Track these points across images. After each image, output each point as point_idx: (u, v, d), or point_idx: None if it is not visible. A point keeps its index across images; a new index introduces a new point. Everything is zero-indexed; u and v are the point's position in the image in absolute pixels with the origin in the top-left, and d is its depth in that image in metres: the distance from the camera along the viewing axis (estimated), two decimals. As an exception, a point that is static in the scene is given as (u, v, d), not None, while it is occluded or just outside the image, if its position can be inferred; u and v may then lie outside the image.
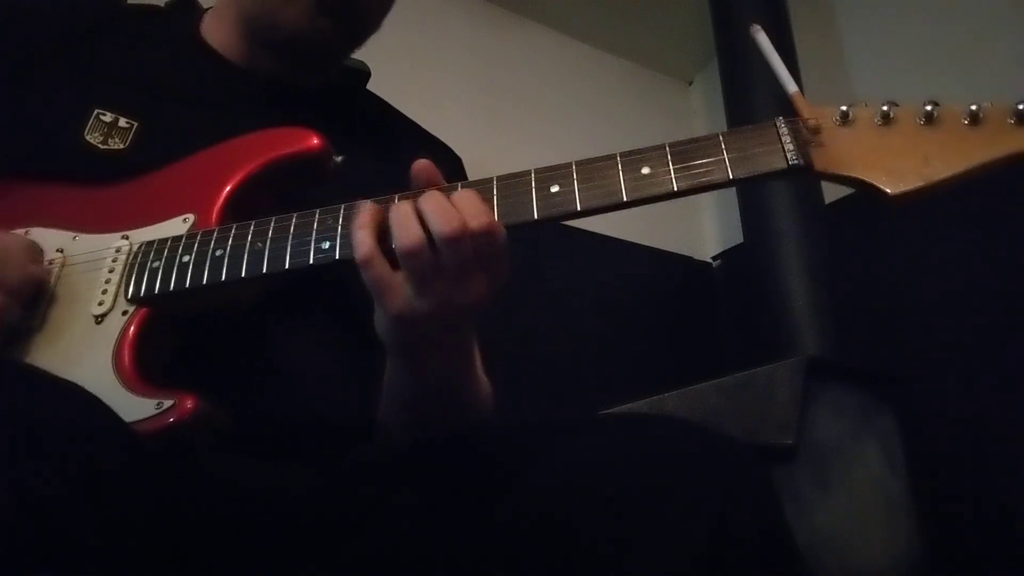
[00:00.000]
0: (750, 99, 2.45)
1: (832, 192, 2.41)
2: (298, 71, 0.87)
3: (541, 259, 2.65)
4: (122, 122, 0.76)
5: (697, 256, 3.21)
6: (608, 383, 2.33)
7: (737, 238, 2.81)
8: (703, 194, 0.57)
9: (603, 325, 2.75)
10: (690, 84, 3.60)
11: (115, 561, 0.43)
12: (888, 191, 0.53)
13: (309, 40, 0.81)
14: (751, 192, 2.45)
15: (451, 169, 0.95)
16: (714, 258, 3.21)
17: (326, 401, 0.75)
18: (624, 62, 3.42)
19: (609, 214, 0.63)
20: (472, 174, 1.02)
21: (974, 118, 0.53)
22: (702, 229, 3.28)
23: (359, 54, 0.96)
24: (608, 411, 1.57)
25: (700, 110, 3.50)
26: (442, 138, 1.02)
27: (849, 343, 2.13)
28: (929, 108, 0.54)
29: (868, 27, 2.79)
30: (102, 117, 0.76)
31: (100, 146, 0.75)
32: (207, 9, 0.91)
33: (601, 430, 0.65)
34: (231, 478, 0.63)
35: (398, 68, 2.67)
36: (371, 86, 1.07)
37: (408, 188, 0.63)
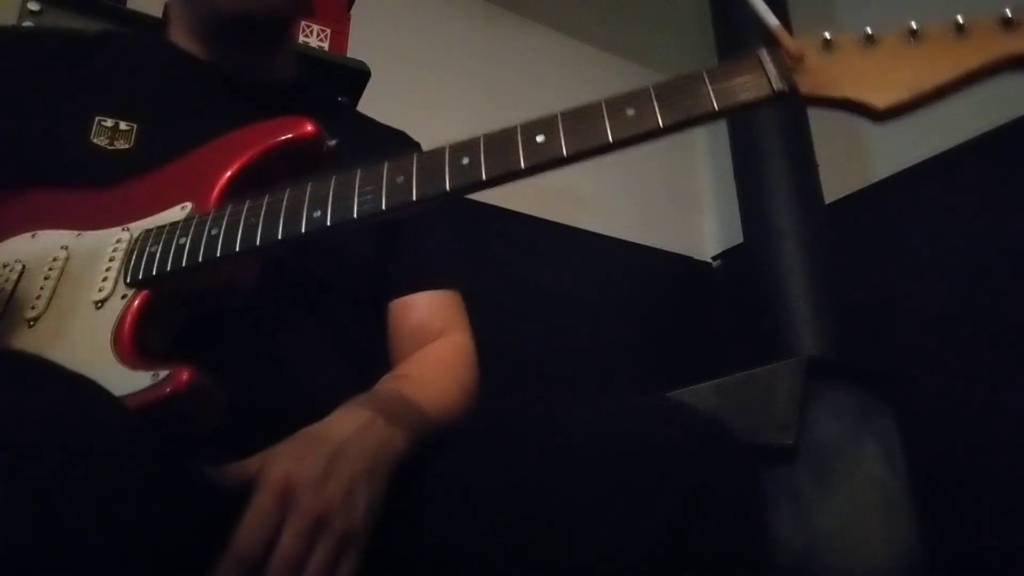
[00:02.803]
0: (750, 99, 2.44)
1: (832, 192, 2.41)
2: (251, 54, 0.91)
3: (541, 258, 2.65)
4: (123, 125, 0.81)
5: (697, 256, 3.21)
6: (608, 383, 2.33)
7: (737, 238, 2.81)
8: (703, 193, 0.57)
9: (603, 325, 2.75)
10: (690, 84, 3.60)
11: (122, 558, 0.43)
12: (878, 105, 0.52)
13: (247, 12, 0.84)
14: (751, 192, 2.45)
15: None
16: (714, 258, 3.21)
17: (323, 391, 0.76)
18: (624, 62, 3.42)
19: (609, 214, 0.63)
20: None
21: (959, 28, 0.53)
22: (702, 229, 3.28)
23: (359, 54, 0.97)
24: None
25: (700, 110, 3.50)
26: (442, 137, 1.02)
27: (849, 343, 2.13)
28: (914, 26, 0.54)
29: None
30: (104, 123, 0.80)
31: (107, 147, 0.79)
32: (166, 25, 0.96)
33: (575, 410, 0.66)
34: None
35: (398, 68, 2.67)
36: (371, 86, 1.08)
37: None
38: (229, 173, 0.71)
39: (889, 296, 2.42)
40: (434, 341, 0.88)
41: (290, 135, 0.72)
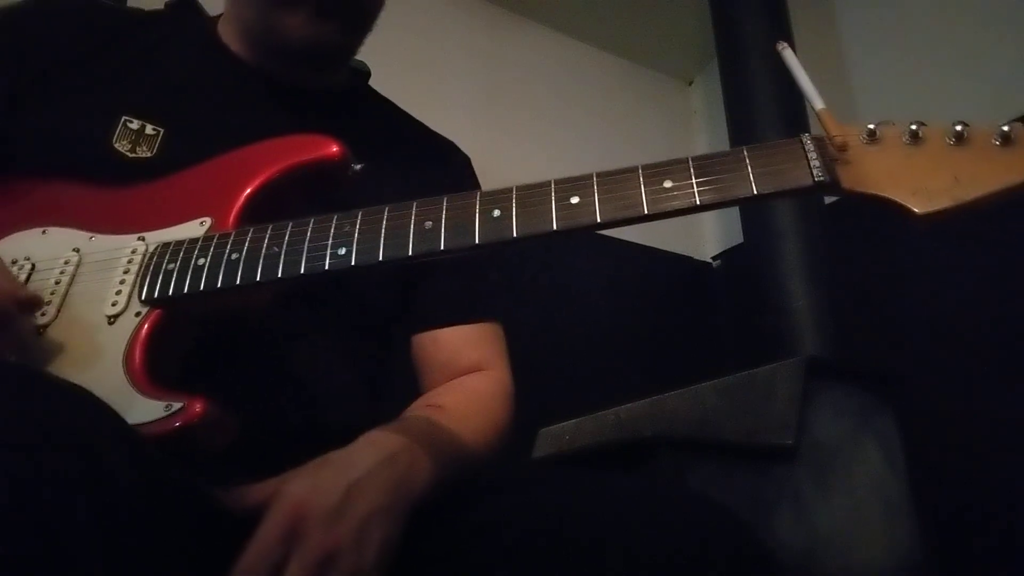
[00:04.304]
0: (750, 99, 2.45)
1: (832, 192, 2.41)
2: (309, 74, 0.88)
3: (540, 259, 2.65)
4: (149, 129, 0.78)
5: (697, 256, 3.21)
6: (608, 383, 2.33)
7: (737, 238, 2.81)
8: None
9: (603, 325, 2.75)
10: (690, 84, 3.60)
11: (118, 567, 0.43)
12: (916, 211, 0.51)
13: (317, 44, 0.81)
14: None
15: (459, 169, 0.96)
16: (714, 258, 3.21)
17: (337, 410, 0.76)
18: (624, 62, 3.42)
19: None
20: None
21: (1005, 139, 0.51)
22: (702, 229, 3.28)
23: (359, 54, 0.97)
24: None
25: (700, 110, 3.50)
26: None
27: (849, 343, 2.13)
28: (959, 128, 0.52)
29: (868, 27, 2.79)
30: (129, 124, 0.77)
31: (128, 154, 0.76)
32: (218, 16, 0.92)
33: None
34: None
35: (398, 68, 2.67)
36: (371, 86, 1.07)
37: (422, 192, 0.63)
38: (249, 190, 0.69)
39: (889, 296, 2.42)
40: (471, 373, 0.84)
41: (314, 156, 0.71)
